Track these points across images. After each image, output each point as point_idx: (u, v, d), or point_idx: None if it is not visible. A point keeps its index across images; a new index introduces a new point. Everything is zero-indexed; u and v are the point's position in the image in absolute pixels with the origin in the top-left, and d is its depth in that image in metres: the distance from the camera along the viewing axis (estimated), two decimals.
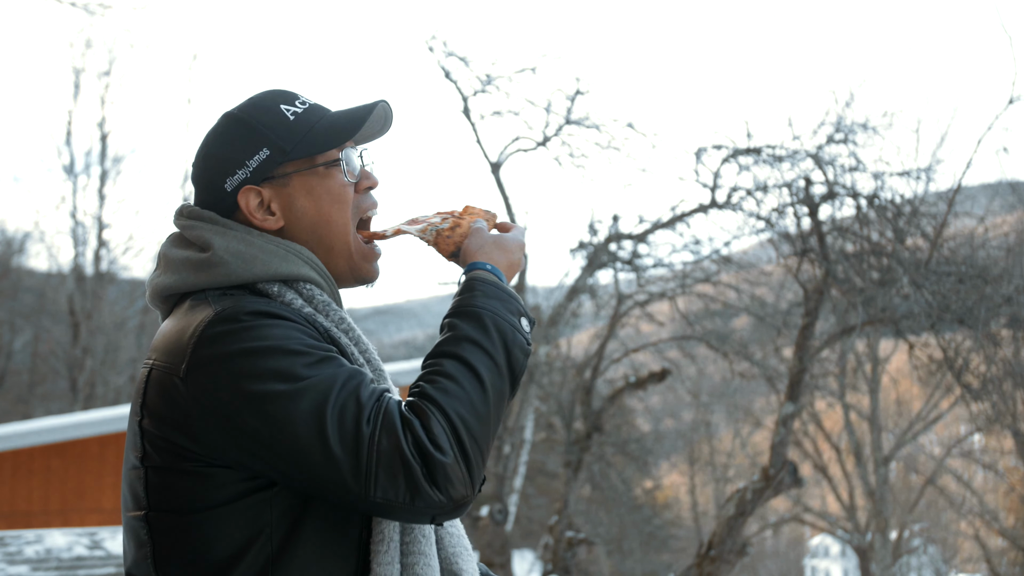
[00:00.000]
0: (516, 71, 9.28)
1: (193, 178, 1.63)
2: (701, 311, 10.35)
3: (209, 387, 1.39)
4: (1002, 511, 19.33)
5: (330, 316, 1.54)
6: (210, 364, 1.39)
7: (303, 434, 1.36)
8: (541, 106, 9.25)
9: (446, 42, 9.29)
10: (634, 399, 15.07)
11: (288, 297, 1.53)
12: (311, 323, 1.48)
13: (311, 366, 1.39)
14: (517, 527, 16.98)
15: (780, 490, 7.07)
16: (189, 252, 1.55)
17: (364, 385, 1.41)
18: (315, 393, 1.37)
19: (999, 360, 6.93)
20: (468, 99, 9.42)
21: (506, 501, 9.35)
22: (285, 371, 1.37)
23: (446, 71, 9.30)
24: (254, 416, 1.37)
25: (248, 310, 1.43)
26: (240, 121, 1.60)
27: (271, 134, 1.58)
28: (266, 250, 1.54)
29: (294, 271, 1.54)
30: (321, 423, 1.35)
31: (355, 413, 1.37)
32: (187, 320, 1.46)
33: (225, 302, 1.46)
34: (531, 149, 9.53)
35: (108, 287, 22.51)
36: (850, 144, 7.35)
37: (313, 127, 1.59)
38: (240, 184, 1.57)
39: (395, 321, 27.45)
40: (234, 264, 1.52)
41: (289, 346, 1.39)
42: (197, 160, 1.62)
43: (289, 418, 1.36)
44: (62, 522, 11.29)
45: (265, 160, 1.57)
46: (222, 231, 1.55)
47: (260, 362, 1.38)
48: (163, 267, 1.59)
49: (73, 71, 22.06)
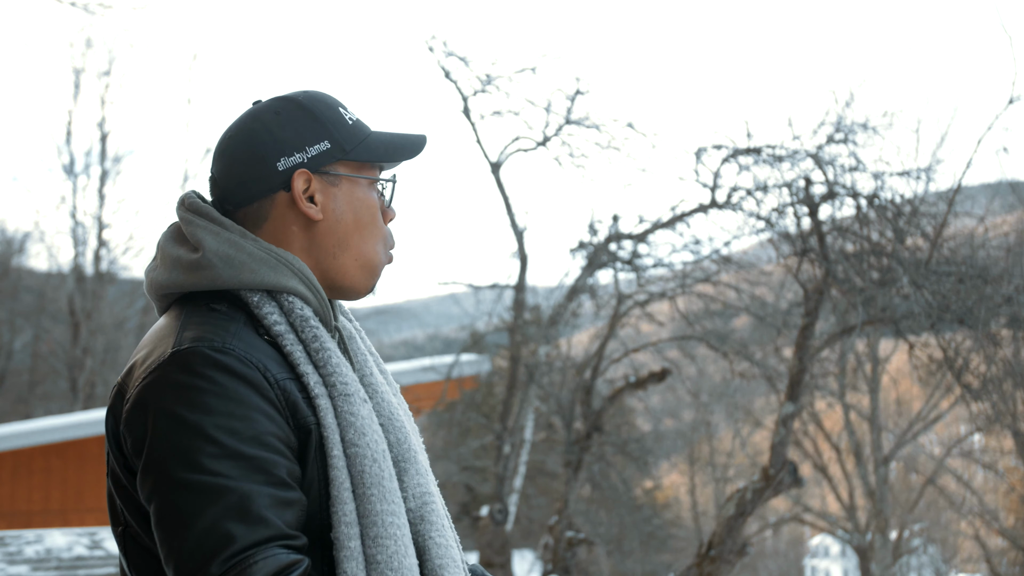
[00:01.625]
0: (516, 71, 9.28)
1: (227, 152, 1.60)
2: (701, 311, 10.35)
3: (134, 428, 1.42)
4: (1002, 511, 19.33)
5: (304, 332, 1.52)
6: (141, 411, 1.42)
7: (169, 523, 1.36)
8: (541, 106, 9.25)
9: (446, 42, 9.29)
10: (634, 399, 15.07)
11: (265, 310, 1.51)
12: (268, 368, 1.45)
13: (217, 459, 1.35)
14: (517, 527, 16.98)
15: (780, 490, 7.06)
16: (182, 251, 1.55)
17: (251, 520, 1.34)
18: (195, 497, 1.34)
19: (999, 360, 6.93)
20: (468, 99, 9.42)
21: (506, 501, 9.35)
22: (188, 455, 1.36)
23: (446, 71, 9.30)
24: (148, 476, 1.39)
25: (200, 355, 1.42)
26: (303, 107, 1.59)
27: (333, 129, 1.58)
28: (256, 257, 1.53)
29: (281, 282, 1.53)
30: (183, 525, 1.34)
31: (214, 546, 1.32)
32: (154, 344, 1.50)
33: (187, 334, 1.46)
34: (531, 149, 9.52)
35: (108, 287, 22.50)
36: (850, 144, 7.34)
37: (368, 137, 1.61)
38: (295, 166, 1.56)
39: (395, 321, 27.41)
40: (221, 268, 1.51)
41: (208, 429, 1.37)
42: (241, 133, 1.59)
43: (168, 497, 1.36)
44: (62, 522, 11.30)
45: (324, 152, 1.57)
46: (216, 231, 1.54)
47: (175, 434, 1.38)
48: (159, 260, 1.59)
49: (73, 71, 22.07)
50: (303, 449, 1.45)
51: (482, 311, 10.43)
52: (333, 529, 1.44)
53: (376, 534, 1.43)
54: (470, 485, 15.32)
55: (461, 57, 9.25)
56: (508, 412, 9.86)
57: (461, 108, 9.44)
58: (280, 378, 1.46)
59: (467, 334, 11.66)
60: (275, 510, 1.36)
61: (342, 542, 1.43)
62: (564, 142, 9.39)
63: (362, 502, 1.45)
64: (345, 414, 1.48)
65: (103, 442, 11.24)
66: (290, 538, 1.37)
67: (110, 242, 22.62)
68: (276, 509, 1.36)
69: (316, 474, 1.45)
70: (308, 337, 1.52)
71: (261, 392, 1.42)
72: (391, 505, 1.46)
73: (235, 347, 1.44)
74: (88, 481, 11.62)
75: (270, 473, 1.38)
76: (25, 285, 23.43)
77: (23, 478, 11.50)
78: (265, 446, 1.39)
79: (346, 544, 1.42)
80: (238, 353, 1.43)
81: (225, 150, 1.60)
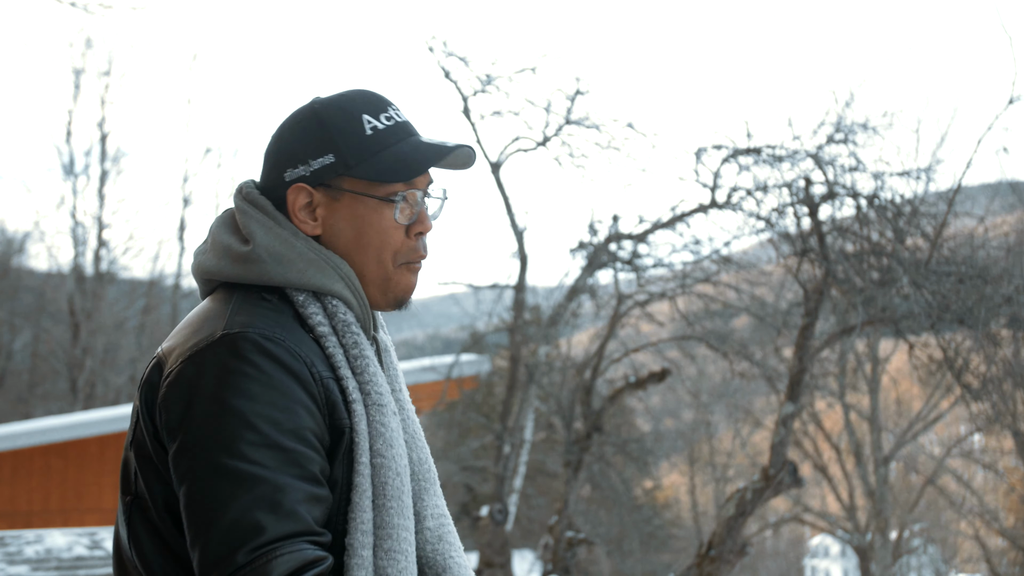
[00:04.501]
0: (516, 71, 9.28)
1: (265, 153, 1.63)
2: (701, 311, 10.35)
3: (174, 404, 1.41)
4: (1002, 511, 19.33)
5: (345, 337, 1.52)
6: (185, 388, 1.40)
7: (201, 507, 1.35)
8: (541, 106, 9.26)
9: (446, 42, 9.30)
10: (634, 399, 15.08)
11: (310, 310, 1.51)
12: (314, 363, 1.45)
13: (256, 447, 1.35)
14: (517, 527, 16.97)
15: (780, 490, 7.06)
16: (233, 240, 1.56)
17: (282, 513, 1.34)
18: (230, 483, 1.33)
19: (999, 360, 6.93)
20: (468, 99, 9.42)
21: (506, 501, 9.35)
22: (227, 440, 1.35)
23: (446, 71, 9.31)
24: (184, 456, 1.38)
25: (251, 340, 1.41)
26: (318, 117, 1.57)
27: (341, 142, 1.55)
28: (305, 257, 1.53)
29: (327, 285, 1.53)
30: (215, 511, 1.33)
31: (243, 535, 1.32)
32: (202, 323, 1.48)
33: (239, 318, 1.45)
34: (531, 149, 9.53)
35: (108, 287, 22.50)
36: (850, 144, 7.34)
37: (382, 152, 1.55)
38: (297, 179, 1.56)
39: (395, 321, 27.39)
40: (270, 265, 1.51)
41: (250, 416, 1.36)
42: (272, 139, 1.62)
43: (203, 481, 1.35)
44: (62, 522, 11.30)
45: (327, 166, 1.55)
46: (269, 226, 1.54)
47: (216, 418, 1.37)
48: (209, 245, 1.59)
49: (73, 71, 22.07)
50: (334, 449, 1.45)
51: (482, 311, 10.44)
52: (348, 535, 1.44)
53: (390, 547, 1.44)
54: (470, 485, 15.31)
55: (461, 57, 9.26)
56: (508, 412, 9.87)
57: (461, 108, 9.45)
58: (325, 376, 1.46)
59: (467, 334, 11.66)
60: (306, 505, 1.36)
61: (355, 549, 1.43)
62: (564, 142, 9.40)
63: (380, 513, 1.45)
64: (376, 423, 1.48)
65: (103, 442, 11.18)
66: (317, 534, 1.37)
67: (110, 242, 22.65)
68: (307, 504, 1.37)
69: (341, 476, 1.46)
70: (349, 343, 1.52)
71: (305, 386, 1.42)
72: (406, 521, 1.47)
73: (286, 338, 1.44)
74: (88, 481, 11.62)
75: (304, 468, 1.38)
76: (25, 285, 23.43)
77: (23, 478, 11.50)
78: (303, 440, 1.39)
79: (359, 552, 1.43)
80: (288, 344, 1.43)
81: (265, 150, 1.64)
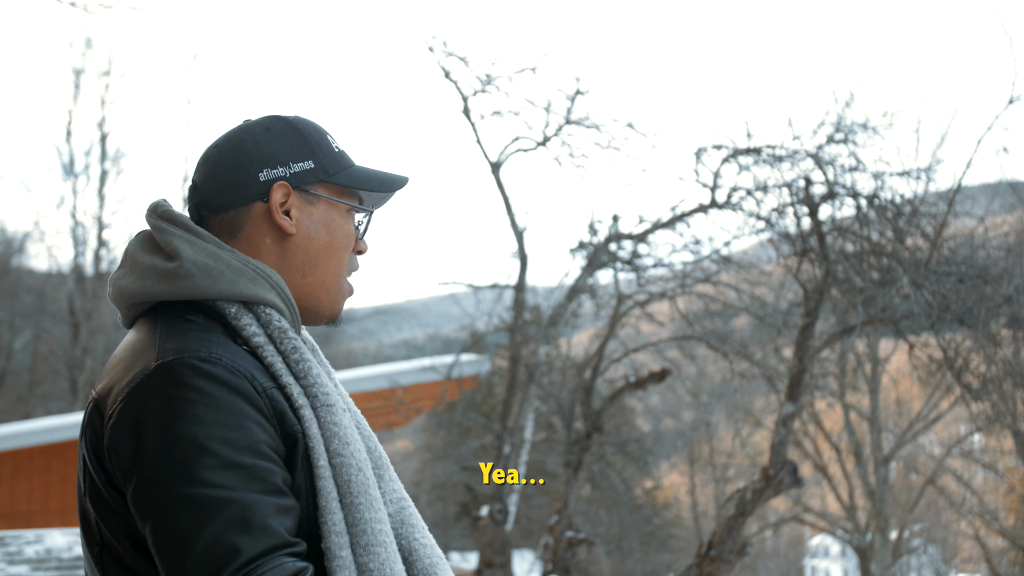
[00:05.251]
0: (516, 71, 9.28)
1: (211, 159, 1.60)
2: (701, 311, 10.35)
3: (123, 444, 1.38)
4: (1002, 511, 19.33)
5: (283, 344, 1.51)
6: (130, 426, 1.38)
7: (171, 540, 1.33)
8: (541, 106, 9.25)
9: (446, 42, 9.29)
10: (634, 399, 15.08)
11: (244, 321, 1.50)
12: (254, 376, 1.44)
13: (215, 470, 1.33)
14: (517, 527, 16.98)
15: (780, 490, 7.06)
16: (156, 259, 1.53)
17: (254, 530, 1.32)
18: (196, 511, 1.32)
19: (999, 360, 6.93)
20: (468, 99, 9.42)
21: (506, 501, 9.35)
22: (185, 469, 1.33)
23: (446, 71, 9.31)
24: (144, 493, 1.36)
25: (188, 365, 1.39)
26: (292, 126, 1.62)
27: (319, 151, 1.61)
28: (234, 268, 1.52)
29: (258, 294, 1.52)
30: (186, 541, 1.31)
31: (220, 560, 1.30)
32: (132, 357, 1.45)
33: (170, 345, 1.43)
34: (531, 149, 9.53)
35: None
36: (850, 144, 7.35)
37: (352, 167, 1.64)
38: (276, 179, 1.57)
39: (395, 321, 27.37)
40: (199, 279, 1.50)
41: (203, 440, 1.34)
42: (228, 143, 1.60)
43: (168, 514, 1.33)
44: (62, 522, 11.30)
45: (307, 171, 1.59)
46: (193, 241, 1.53)
47: (169, 448, 1.35)
48: (128, 268, 1.56)
49: (73, 71, 22.08)
50: (290, 457, 1.45)
51: (482, 311, 10.43)
52: (324, 539, 1.44)
53: (367, 542, 1.44)
54: (470, 485, 15.32)
55: (461, 57, 9.26)
56: (508, 412, 9.86)
57: (461, 108, 9.45)
58: (267, 386, 1.45)
59: (467, 334, 11.66)
60: (277, 518, 1.36)
61: (334, 552, 1.42)
62: (564, 142, 9.40)
63: (350, 511, 1.45)
64: (328, 424, 1.48)
65: None
66: (293, 545, 1.37)
67: (110, 242, 22.65)
68: (278, 517, 1.36)
69: (303, 483, 1.45)
70: (287, 349, 1.51)
71: (250, 401, 1.41)
72: (378, 513, 1.47)
73: (222, 356, 1.42)
74: None
75: (267, 481, 1.37)
76: (25, 285, 23.43)
77: (23, 478, 11.50)
78: (260, 455, 1.38)
79: (338, 554, 1.42)
80: (225, 362, 1.42)
81: (210, 157, 1.61)
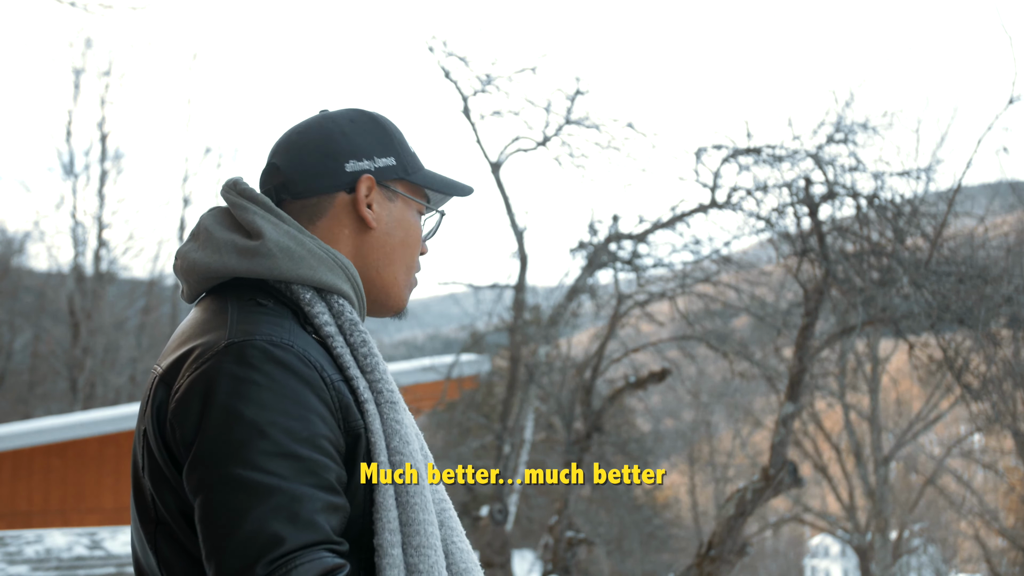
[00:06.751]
0: (516, 71, 9.29)
1: (296, 144, 1.60)
2: (701, 311, 10.35)
3: (186, 419, 1.37)
4: (1002, 511, 19.33)
5: (353, 336, 1.50)
6: (195, 401, 1.37)
7: (216, 519, 1.31)
8: (541, 106, 9.27)
9: (446, 42, 9.31)
10: (634, 399, 15.08)
11: (317, 309, 1.50)
12: (324, 367, 1.43)
13: (271, 457, 1.32)
14: (517, 527, 16.98)
15: (780, 490, 7.06)
16: (236, 235, 1.52)
17: (300, 523, 1.31)
18: (246, 494, 1.30)
19: (999, 360, 6.93)
20: (468, 99, 9.43)
21: (506, 501, 9.35)
22: (241, 451, 1.32)
23: (446, 71, 9.31)
24: (197, 469, 1.35)
25: (259, 348, 1.38)
26: (376, 121, 1.64)
27: (400, 149, 1.63)
28: (315, 254, 1.51)
29: (335, 283, 1.52)
30: (231, 523, 1.30)
31: (260, 547, 1.29)
32: (203, 334, 1.44)
33: (242, 327, 1.42)
34: (531, 149, 9.54)
35: (108, 287, 22.50)
36: (850, 144, 7.35)
37: (424, 168, 1.67)
38: (362, 171, 1.58)
39: (395, 321, 27.29)
40: (281, 260, 1.48)
41: (264, 426, 1.33)
42: (314, 130, 1.60)
43: (217, 493, 1.32)
44: (62, 522, 11.30)
45: (390, 167, 1.61)
46: (275, 222, 1.52)
47: (229, 428, 1.33)
48: (203, 242, 1.54)
49: (73, 71, 22.07)
50: (351, 453, 1.43)
51: (482, 311, 10.44)
52: (376, 535, 1.43)
53: (419, 543, 1.43)
54: (470, 485, 15.31)
55: (461, 57, 9.27)
56: (508, 412, 9.87)
57: (461, 108, 9.46)
58: (335, 379, 1.44)
59: (467, 334, 11.66)
60: (324, 515, 1.34)
61: (385, 549, 1.42)
62: (564, 142, 9.41)
63: (405, 510, 1.44)
64: (391, 421, 1.47)
65: (103, 442, 11.14)
66: (336, 543, 1.36)
67: (110, 242, 22.65)
68: (325, 514, 1.35)
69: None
70: (357, 341, 1.50)
71: (317, 392, 1.39)
72: (430, 515, 1.46)
73: (294, 343, 1.41)
74: (88, 481, 11.62)
75: (321, 476, 1.36)
76: (25, 285, 23.42)
77: (23, 478, 11.50)
78: (318, 448, 1.36)
79: (389, 551, 1.41)
80: (297, 350, 1.40)
81: (295, 142, 1.60)
